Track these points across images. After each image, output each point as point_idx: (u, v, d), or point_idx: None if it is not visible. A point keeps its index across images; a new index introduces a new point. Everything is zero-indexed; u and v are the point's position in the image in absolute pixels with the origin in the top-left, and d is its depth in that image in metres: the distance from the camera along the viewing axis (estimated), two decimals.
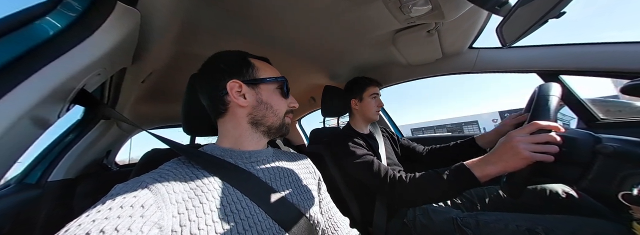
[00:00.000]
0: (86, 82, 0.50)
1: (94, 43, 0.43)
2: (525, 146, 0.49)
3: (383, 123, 1.56)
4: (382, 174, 0.73)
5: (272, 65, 0.57)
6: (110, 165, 1.55)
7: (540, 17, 0.53)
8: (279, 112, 0.52)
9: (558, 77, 0.92)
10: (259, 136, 0.52)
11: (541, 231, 0.57)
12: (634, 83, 0.43)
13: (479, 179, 0.57)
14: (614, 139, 0.45)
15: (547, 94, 0.55)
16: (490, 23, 0.86)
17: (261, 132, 0.52)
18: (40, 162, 1.03)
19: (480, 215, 0.70)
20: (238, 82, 0.49)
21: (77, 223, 0.27)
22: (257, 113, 0.50)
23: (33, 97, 0.36)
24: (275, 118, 0.52)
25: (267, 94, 0.51)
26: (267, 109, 0.51)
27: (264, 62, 0.56)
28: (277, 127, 0.52)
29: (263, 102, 0.50)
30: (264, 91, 0.51)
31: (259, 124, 0.51)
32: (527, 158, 0.49)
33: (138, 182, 0.36)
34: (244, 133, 0.50)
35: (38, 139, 0.48)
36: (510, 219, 0.64)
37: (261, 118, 0.50)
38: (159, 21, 0.60)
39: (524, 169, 0.50)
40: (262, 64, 0.55)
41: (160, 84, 1.10)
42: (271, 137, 0.54)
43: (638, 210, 0.39)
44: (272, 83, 0.52)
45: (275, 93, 0.52)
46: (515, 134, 0.53)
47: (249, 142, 0.51)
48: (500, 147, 0.55)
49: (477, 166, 0.58)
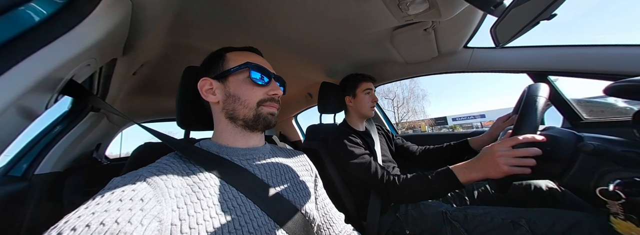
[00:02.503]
0: (75, 72, 0.48)
1: (83, 32, 0.42)
2: (505, 160, 0.53)
3: (378, 120, 1.58)
4: (379, 175, 0.78)
5: (256, 54, 0.55)
6: (101, 158, 1.52)
7: (532, 19, 0.54)
8: (249, 103, 0.48)
9: (547, 77, 0.94)
10: (241, 131, 0.50)
11: (524, 224, 0.60)
12: (617, 84, 0.45)
13: (462, 183, 0.62)
14: (594, 138, 0.47)
15: (535, 94, 0.56)
16: (484, 23, 0.87)
17: (241, 127, 0.49)
18: (26, 154, 1.00)
19: (468, 209, 0.73)
20: (207, 79, 0.49)
21: (77, 215, 0.27)
22: (228, 107, 0.48)
23: (19, 86, 0.35)
24: (246, 110, 0.48)
25: (235, 85, 0.48)
26: (235, 102, 0.48)
27: (244, 51, 0.53)
28: (252, 119, 0.48)
29: (231, 95, 0.48)
30: (231, 83, 0.48)
31: (235, 118, 0.49)
32: (506, 171, 0.53)
33: (136, 176, 0.35)
34: (225, 129, 0.50)
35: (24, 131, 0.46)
36: (496, 212, 0.67)
37: (233, 111, 0.48)
38: (151, 11, 0.58)
39: None
40: (238, 54, 0.52)
41: (153, 76, 1.07)
42: (256, 131, 0.51)
43: (613, 204, 0.41)
44: (239, 73, 0.49)
45: (244, 83, 0.48)
46: (496, 148, 0.56)
47: (233, 137, 0.50)
48: (482, 157, 0.59)
49: (461, 172, 0.63)
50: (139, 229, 0.28)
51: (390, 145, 1.14)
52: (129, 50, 0.69)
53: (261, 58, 0.54)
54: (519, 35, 0.62)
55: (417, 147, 1.16)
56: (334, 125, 1.16)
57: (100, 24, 0.45)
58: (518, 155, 0.52)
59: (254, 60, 0.51)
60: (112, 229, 0.26)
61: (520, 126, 0.54)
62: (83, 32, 0.42)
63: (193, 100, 0.54)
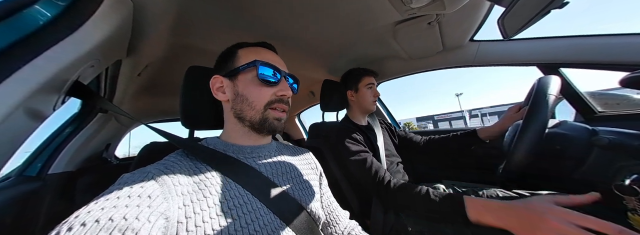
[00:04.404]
0: (80, 74, 0.49)
1: (86, 33, 0.42)
2: (559, 226, 0.39)
3: (380, 114, 1.56)
4: (373, 173, 0.75)
5: (268, 50, 0.53)
6: (110, 158, 1.56)
7: (542, 8, 0.52)
8: (256, 104, 0.46)
9: (558, 70, 0.91)
10: (248, 131, 0.48)
11: None
12: (633, 75, 0.43)
13: (469, 219, 0.50)
14: (609, 132, 0.45)
15: (544, 89, 0.54)
16: (491, 15, 0.84)
17: (248, 127, 0.48)
18: (40, 154, 1.04)
19: None
20: (218, 77, 0.48)
21: (87, 210, 0.28)
22: (236, 107, 0.47)
23: (26, 88, 0.36)
24: (253, 112, 0.46)
25: (244, 84, 0.47)
26: (242, 102, 0.46)
27: (256, 47, 0.52)
28: (258, 122, 0.46)
29: (239, 95, 0.46)
30: (240, 82, 0.47)
31: (242, 119, 0.47)
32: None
33: (144, 173, 0.36)
34: (233, 128, 0.50)
35: (36, 131, 0.48)
36: None
37: (240, 112, 0.47)
38: (153, 12, 0.59)
39: (522, 160, 0.51)
40: (249, 50, 0.50)
41: (158, 77, 1.09)
42: (262, 133, 0.49)
43: (630, 200, 0.40)
44: (248, 71, 0.47)
45: (253, 82, 0.46)
46: (556, 214, 0.40)
47: (240, 136, 0.49)
48: (521, 208, 0.45)
49: (475, 208, 0.51)
50: (146, 226, 0.28)
51: (393, 139, 1.12)
52: (132, 51, 0.70)
53: (273, 54, 0.52)
54: (528, 25, 0.59)
55: (420, 137, 1.14)
56: (337, 123, 1.15)
57: (103, 25, 0.46)
58: (580, 224, 0.38)
59: (264, 57, 0.48)
60: (120, 225, 0.27)
61: (529, 121, 0.52)
62: (86, 33, 0.43)
63: (196, 100, 0.54)
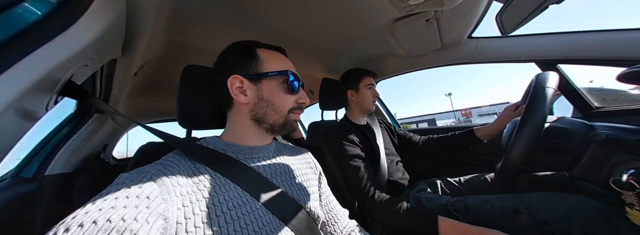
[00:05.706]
0: (73, 73, 0.48)
1: (78, 32, 0.42)
2: None
3: (380, 114, 1.56)
4: (363, 183, 0.77)
5: (285, 56, 0.54)
6: (108, 159, 1.55)
7: (541, 3, 0.52)
8: (282, 110, 0.49)
9: (556, 66, 0.91)
10: (262, 132, 0.50)
11: (524, 210, 0.61)
12: (630, 70, 0.43)
13: None
14: (607, 127, 0.45)
15: (543, 84, 0.54)
16: (489, 12, 0.84)
17: (264, 129, 0.50)
18: (36, 155, 1.03)
19: (467, 199, 0.73)
20: (239, 77, 0.47)
21: (84, 211, 0.27)
22: (258, 110, 0.48)
23: (16, 88, 0.35)
24: (278, 116, 0.49)
25: (269, 89, 0.48)
26: (268, 107, 0.48)
27: (275, 52, 0.53)
28: (280, 125, 0.49)
29: (264, 99, 0.47)
30: (266, 87, 0.48)
31: (261, 122, 0.49)
32: None
33: (143, 173, 0.35)
34: (246, 129, 0.49)
35: (32, 132, 0.47)
36: (496, 200, 0.68)
37: (263, 116, 0.48)
38: (146, 9, 0.58)
39: (518, 158, 0.51)
40: (271, 55, 0.51)
41: (154, 77, 1.08)
42: (276, 134, 0.52)
43: (628, 195, 0.40)
44: (275, 77, 0.48)
45: (279, 88, 0.49)
46: None
47: (251, 138, 0.50)
48: None
49: (447, 229, 0.58)
50: (145, 227, 0.28)
51: (392, 138, 1.13)
52: (127, 50, 0.69)
53: (290, 62, 0.54)
54: (526, 21, 0.59)
55: (419, 137, 1.14)
56: (336, 122, 1.15)
57: (95, 24, 0.45)
58: None
59: (288, 66, 0.51)
60: (118, 226, 0.26)
61: (528, 118, 0.52)
62: (78, 32, 0.42)
63: (194, 99, 0.53)
